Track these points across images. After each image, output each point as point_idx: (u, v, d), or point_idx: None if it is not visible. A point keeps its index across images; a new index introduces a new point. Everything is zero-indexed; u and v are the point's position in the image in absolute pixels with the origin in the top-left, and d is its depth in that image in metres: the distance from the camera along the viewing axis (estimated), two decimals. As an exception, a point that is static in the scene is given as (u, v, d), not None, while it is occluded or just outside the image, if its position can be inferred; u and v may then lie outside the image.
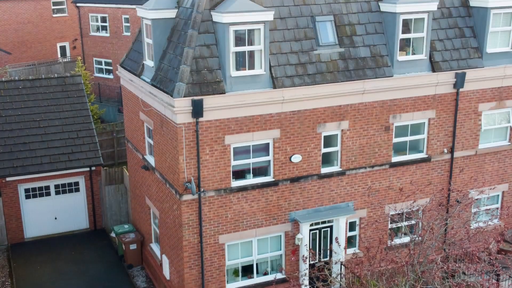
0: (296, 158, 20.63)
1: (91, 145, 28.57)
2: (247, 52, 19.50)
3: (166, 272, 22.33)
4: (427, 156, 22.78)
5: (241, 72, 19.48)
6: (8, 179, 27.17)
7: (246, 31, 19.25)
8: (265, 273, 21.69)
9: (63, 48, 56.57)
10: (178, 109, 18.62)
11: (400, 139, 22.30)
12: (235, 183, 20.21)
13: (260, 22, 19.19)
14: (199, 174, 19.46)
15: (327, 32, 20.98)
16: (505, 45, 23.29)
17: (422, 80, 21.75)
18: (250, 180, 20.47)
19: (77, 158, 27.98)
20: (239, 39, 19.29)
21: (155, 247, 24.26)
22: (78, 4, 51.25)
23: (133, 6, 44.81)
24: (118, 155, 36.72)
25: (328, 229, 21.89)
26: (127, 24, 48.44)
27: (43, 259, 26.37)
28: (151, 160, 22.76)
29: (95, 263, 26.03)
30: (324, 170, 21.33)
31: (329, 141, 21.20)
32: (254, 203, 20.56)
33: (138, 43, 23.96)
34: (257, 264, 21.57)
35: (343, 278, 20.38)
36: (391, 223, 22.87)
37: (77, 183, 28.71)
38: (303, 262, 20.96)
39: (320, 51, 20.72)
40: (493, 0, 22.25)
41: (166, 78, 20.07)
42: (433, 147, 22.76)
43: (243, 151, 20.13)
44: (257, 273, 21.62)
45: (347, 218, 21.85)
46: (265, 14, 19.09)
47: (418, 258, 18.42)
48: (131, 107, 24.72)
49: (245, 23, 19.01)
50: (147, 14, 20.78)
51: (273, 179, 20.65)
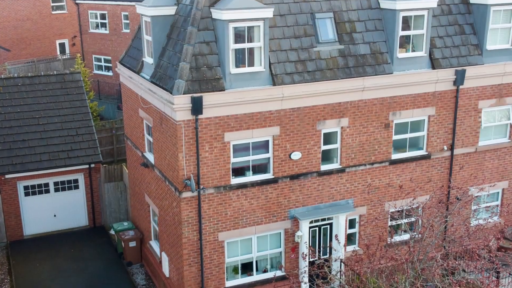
0: (296, 155, 20.60)
1: (90, 142, 28.53)
2: (246, 49, 19.46)
3: (166, 269, 22.32)
4: (427, 153, 22.75)
5: (241, 69, 19.44)
6: (7, 176, 27.13)
7: (246, 28, 19.21)
8: (265, 271, 21.68)
9: (62, 45, 56.44)
10: (177, 106, 18.58)
11: (400, 136, 22.27)
12: (235, 181, 20.18)
13: (259, 19, 19.14)
14: (198, 172, 19.43)
15: (326, 29, 20.95)
16: (505, 42, 23.25)
17: (422, 77, 21.72)
18: (250, 178, 20.43)
19: (76, 155, 27.95)
20: (239, 36, 19.24)
21: (154, 245, 24.24)
22: (77, 1, 51.21)
23: (133, 3, 44.74)
24: (117, 152, 36.70)
25: (328, 226, 21.88)
26: (126, 21, 48.39)
27: (42, 256, 26.35)
28: (150, 157, 22.73)
29: (94, 260, 26.02)
30: (324, 167, 21.31)
31: (328, 138, 21.17)
32: (254, 201, 20.54)
33: (138, 40, 23.92)
34: (256, 261, 21.55)
35: (343, 276, 20.37)
36: (391, 220, 22.86)
37: (76, 181, 28.68)
38: (303, 260, 20.95)
39: (319, 48, 20.68)
40: (493, -3, 22.27)
41: (165, 75, 20.03)
42: (433, 144, 22.73)
43: (243, 148, 20.10)
44: (256, 270, 21.61)
45: (346, 215, 21.84)
46: (264, 11, 19.05)
47: (418, 256, 18.41)
48: (130, 104, 24.68)
49: (245, 20, 18.96)
50: (146, 11, 20.73)
51: (273, 176, 20.62)
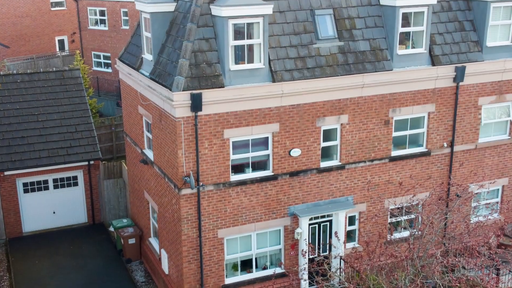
0: (296, 152, 20.56)
1: (89, 139, 28.50)
2: (246, 46, 19.41)
3: (165, 266, 22.30)
4: (426, 150, 22.72)
5: (240, 66, 19.39)
6: (6, 173, 27.10)
7: (245, 24, 19.16)
8: (264, 268, 21.66)
9: (61, 42, 56.37)
10: (177, 103, 18.54)
11: (399, 133, 22.24)
12: (234, 177, 20.15)
13: (259, 16, 19.09)
14: (198, 168, 19.40)
15: (326, 25, 20.89)
16: (505, 38, 23.21)
17: (422, 74, 21.68)
18: (249, 174, 20.41)
19: (76, 152, 27.91)
20: (238, 33, 19.19)
21: (154, 242, 24.21)
22: (77, -2, 51.21)
23: (132, 0, 44.67)
24: (116, 149, 36.66)
25: (328, 223, 21.85)
26: (125, 17, 48.31)
27: (41, 253, 26.33)
28: (149, 154, 22.69)
29: (93, 257, 25.99)
30: (324, 164, 21.27)
31: (328, 135, 21.13)
32: (253, 197, 20.51)
33: (137, 36, 23.87)
34: (256, 258, 21.52)
35: (343, 273, 20.36)
36: (390, 217, 22.83)
37: (75, 177, 28.65)
38: (303, 257, 20.94)
39: (319, 44, 20.63)
40: (493, -6, 22.22)
41: (165, 72, 19.98)
42: (432, 141, 22.70)
43: (242, 145, 20.06)
44: (256, 267, 21.58)
45: (346, 212, 21.81)
46: (264, 7, 18.99)
47: (417, 253, 18.40)
48: (129, 101, 24.63)
49: (244, 16, 18.91)
50: (145, 8, 20.67)
51: (272, 173, 20.59)
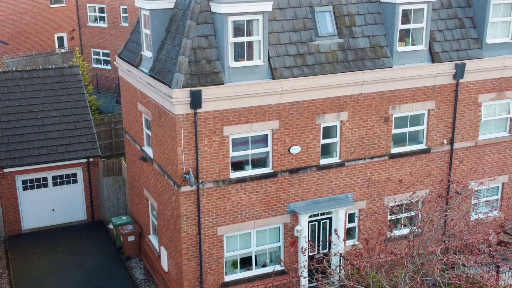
0: (295, 149, 20.53)
1: (89, 136, 28.47)
2: (245, 43, 19.36)
3: (164, 264, 22.28)
4: (426, 147, 22.69)
5: (240, 63, 19.35)
6: (5, 170, 27.07)
7: (245, 21, 19.11)
8: (264, 265, 21.64)
9: (60, 39, 56.35)
10: (176, 100, 18.50)
11: (399, 130, 22.20)
12: (234, 175, 20.12)
13: (258, 13, 19.04)
14: (197, 166, 19.37)
15: (326, 22, 20.85)
16: (505, 35, 23.17)
17: (422, 71, 21.64)
18: (249, 172, 20.37)
19: (75, 150, 27.89)
20: (238, 30, 19.15)
21: (153, 239, 24.19)
22: (76, -5, 51.11)
23: (131, -3, 44.64)
24: (116, 146, 36.64)
25: (327, 220, 21.83)
26: (125, 14, 48.23)
27: (40, 251, 26.31)
28: (149, 151, 22.65)
29: (93, 255, 25.98)
30: (323, 162, 21.25)
31: (328, 132, 21.10)
32: (253, 195, 20.48)
33: (136, 33, 23.82)
34: (255, 256, 21.51)
35: (342, 270, 20.35)
36: (390, 214, 22.82)
37: (74, 175, 28.62)
38: (302, 254, 20.92)
39: (319, 42, 20.58)
40: (494, -10, 22.17)
41: (164, 69, 19.94)
42: (432, 138, 22.66)
43: (242, 142, 20.03)
44: (255, 265, 21.56)
45: (346, 209, 21.79)
46: (263, 4, 18.93)
47: (417, 250, 18.37)
48: (129, 98, 24.59)
49: (244, 13, 18.86)
50: (145, 5, 20.63)
51: (272, 171, 20.56)
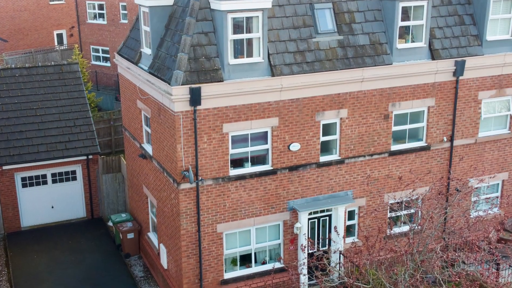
0: (295, 147, 20.50)
1: (88, 133, 28.44)
2: (245, 40, 19.32)
3: (164, 261, 22.26)
4: (426, 144, 22.66)
5: (239, 60, 19.32)
6: (4, 167, 27.04)
7: (244, 18, 19.06)
8: (263, 262, 21.63)
9: (60, 36, 56.25)
10: (175, 97, 18.46)
11: (399, 128, 22.18)
12: (233, 172, 20.09)
13: (258, 10, 19.00)
14: (197, 163, 19.33)
15: (325, 19, 20.81)
16: (505, 32, 23.13)
17: (422, 68, 21.60)
18: (248, 169, 20.34)
19: (74, 147, 27.87)
20: (237, 27, 19.11)
21: (152, 236, 24.17)
22: (75, -8, 51.02)
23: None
24: (115, 143, 36.59)
25: (327, 218, 21.81)
26: (124, 11, 48.17)
27: (39, 248, 26.29)
28: (148, 148, 22.62)
29: (92, 252, 25.95)
30: (323, 159, 21.22)
31: (328, 129, 21.07)
32: (252, 192, 20.45)
33: (136, 30, 23.77)
34: (255, 253, 21.48)
35: (342, 267, 20.32)
36: (390, 212, 22.80)
37: (74, 172, 28.60)
38: (302, 251, 20.91)
39: (318, 38, 20.54)
40: (494, -13, 22.13)
41: (163, 66, 19.90)
42: (432, 135, 22.64)
43: (241, 139, 20.00)
44: (255, 262, 21.55)
45: (346, 207, 21.77)
46: (263, 1, 18.88)
47: (417, 247, 18.37)
48: (128, 95, 24.56)
49: (243, 10, 18.81)
50: (144, 2, 20.57)
51: (272, 168, 20.52)
